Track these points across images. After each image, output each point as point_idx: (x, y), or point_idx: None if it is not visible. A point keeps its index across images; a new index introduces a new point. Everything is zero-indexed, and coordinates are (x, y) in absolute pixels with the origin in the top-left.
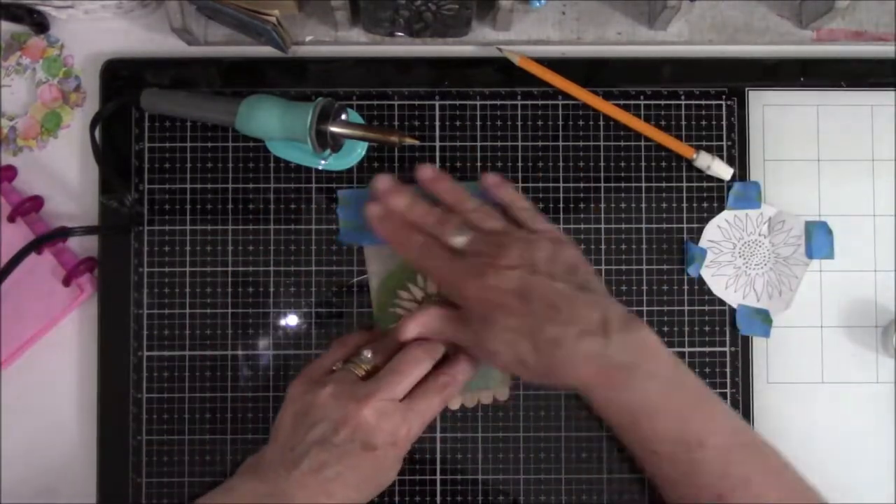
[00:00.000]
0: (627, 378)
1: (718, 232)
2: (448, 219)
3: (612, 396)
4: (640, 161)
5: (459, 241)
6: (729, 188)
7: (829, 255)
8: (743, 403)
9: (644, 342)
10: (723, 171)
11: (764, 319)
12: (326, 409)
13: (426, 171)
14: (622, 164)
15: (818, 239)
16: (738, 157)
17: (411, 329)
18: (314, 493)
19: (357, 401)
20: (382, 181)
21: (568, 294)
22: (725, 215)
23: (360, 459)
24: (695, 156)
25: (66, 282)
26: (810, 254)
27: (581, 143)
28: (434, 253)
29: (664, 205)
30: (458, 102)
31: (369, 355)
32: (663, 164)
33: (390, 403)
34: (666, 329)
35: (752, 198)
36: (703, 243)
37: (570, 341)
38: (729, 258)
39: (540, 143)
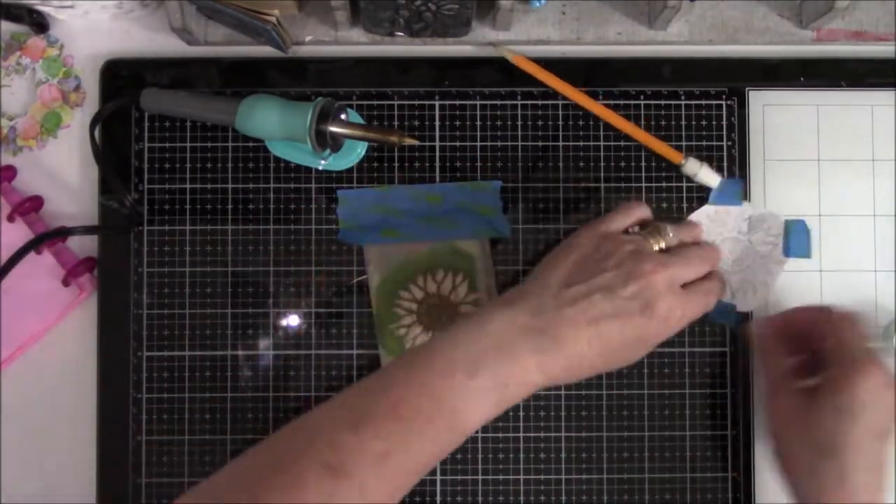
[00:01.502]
0: None
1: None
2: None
3: None
4: (640, 161)
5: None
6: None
7: (807, 254)
8: (743, 403)
9: None
10: (710, 178)
11: (732, 309)
12: (622, 260)
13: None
14: (622, 164)
15: (795, 237)
16: (738, 157)
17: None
18: (580, 337)
19: (655, 263)
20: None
21: None
22: (707, 210)
23: (634, 322)
24: (683, 161)
25: (66, 282)
26: (787, 252)
27: (581, 143)
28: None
29: (664, 205)
30: (458, 102)
31: (671, 234)
32: (663, 164)
33: (678, 281)
34: None
35: (734, 195)
36: None
37: None
38: None
39: (540, 143)
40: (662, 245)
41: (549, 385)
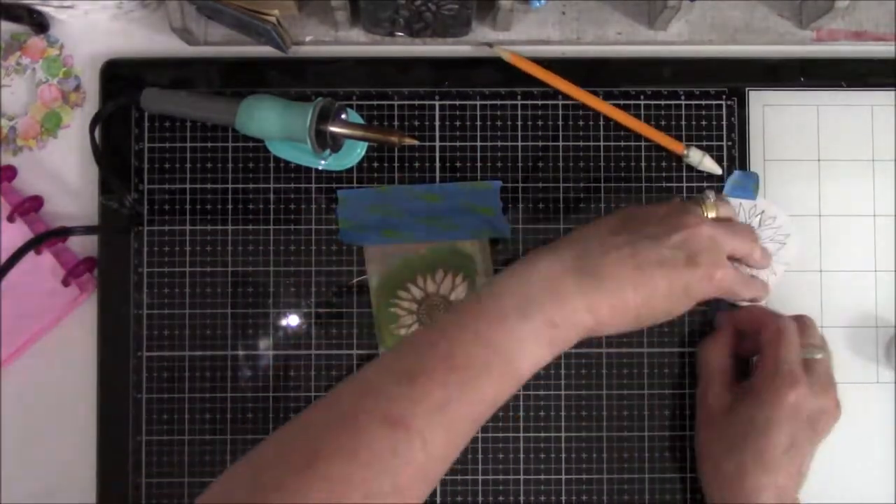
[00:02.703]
0: None
1: None
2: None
3: None
4: (639, 161)
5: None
6: (729, 174)
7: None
8: None
9: None
10: (714, 166)
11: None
12: (669, 213)
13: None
14: (622, 163)
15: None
16: (738, 157)
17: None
18: (626, 281)
19: (700, 217)
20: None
21: None
22: None
23: (679, 271)
24: (685, 152)
25: (66, 282)
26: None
27: (581, 143)
28: None
29: None
30: (458, 102)
31: (712, 197)
32: (663, 163)
33: (725, 243)
34: (666, 329)
35: (749, 188)
36: None
37: None
38: None
39: (540, 143)
40: (707, 214)
41: (599, 331)
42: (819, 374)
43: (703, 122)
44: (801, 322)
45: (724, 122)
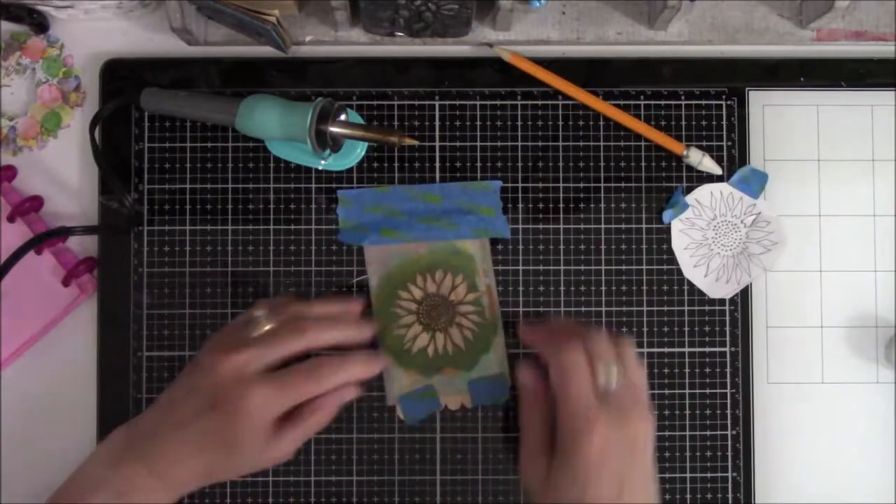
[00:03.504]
0: None
1: (709, 197)
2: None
3: None
4: (639, 161)
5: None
6: (741, 165)
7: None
8: (743, 403)
9: None
10: (713, 166)
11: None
12: (207, 362)
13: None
14: (622, 163)
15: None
16: (738, 157)
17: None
18: (168, 441)
19: (214, 356)
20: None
21: None
22: (722, 187)
23: (209, 419)
24: (685, 152)
25: (66, 282)
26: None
27: (581, 143)
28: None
29: (663, 205)
30: (458, 102)
31: (261, 313)
32: (663, 163)
33: (260, 361)
34: (666, 329)
35: (754, 186)
36: (689, 200)
37: None
38: (703, 225)
39: (540, 143)
40: (259, 332)
41: (176, 493)
42: (618, 397)
43: (703, 122)
44: (589, 340)
45: (724, 122)
